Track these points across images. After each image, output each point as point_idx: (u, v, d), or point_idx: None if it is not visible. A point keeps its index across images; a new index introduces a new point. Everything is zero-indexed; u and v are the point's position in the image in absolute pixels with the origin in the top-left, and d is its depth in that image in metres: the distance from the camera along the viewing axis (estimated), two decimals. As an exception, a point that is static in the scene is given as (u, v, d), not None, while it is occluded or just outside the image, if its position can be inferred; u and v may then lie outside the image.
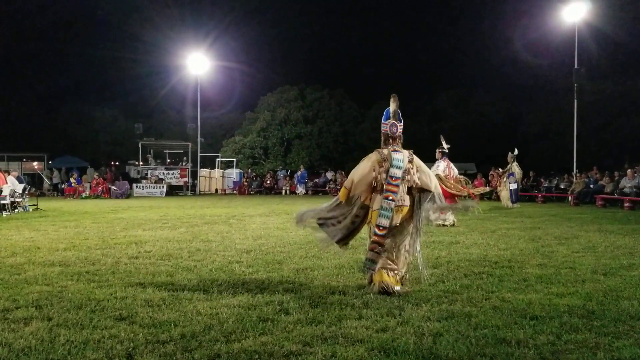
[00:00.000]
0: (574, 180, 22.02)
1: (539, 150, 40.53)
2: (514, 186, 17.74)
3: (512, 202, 17.56)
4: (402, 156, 5.01)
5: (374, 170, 4.97)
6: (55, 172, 31.20)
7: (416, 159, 5.12)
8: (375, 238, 4.94)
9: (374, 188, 4.98)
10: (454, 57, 63.83)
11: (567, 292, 5.03)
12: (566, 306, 4.51)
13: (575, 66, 25.75)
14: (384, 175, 4.91)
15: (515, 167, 17.90)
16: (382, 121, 5.24)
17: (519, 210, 16.47)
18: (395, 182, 4.89)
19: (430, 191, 5.10)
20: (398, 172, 4.90)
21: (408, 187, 5.03)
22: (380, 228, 4.90)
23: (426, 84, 57.82)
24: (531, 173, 25.32)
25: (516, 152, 17.90)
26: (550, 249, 7.79)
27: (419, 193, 5.12)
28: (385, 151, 5.05)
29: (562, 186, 23.08)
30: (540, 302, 4.62)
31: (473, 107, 47.01)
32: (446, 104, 48.34)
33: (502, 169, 19.66)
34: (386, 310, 4.35)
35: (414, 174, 5.01)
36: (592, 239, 8.97)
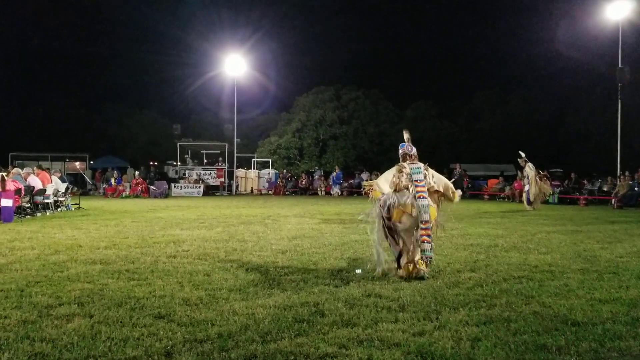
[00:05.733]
0: (618, 182, 21.37)
1: (581, 152, 39.60)
2: (527, 187, 17.46)
3: (527, 204, 17.30)
4: (418, 165, 6.10)
5: (394, 176, 6.02)
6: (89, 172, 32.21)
7: (430, 169, 6.18)
8: (422, 232, 5.73)
9: (395, 191, 5.93)
10: (493, 57, 62.88)
11: (610, 298, 4.90)
12: (609, 312, 4.39)
13: (619, 65, 25.01)
14: (403, 179, 5.93)
15: (527, 169, 17.52)
16: (400, 147, 6.39)
17: (560, 213, 16.09)
18: (421, 184, 5.89)
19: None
20: (420, 176, 5.95)
21: (429, 190, 6.00)
22: (424, 222, 5.72)
23: (464, 83, 57.05)
24: (573, 175, 24.71)
25: (523, 154, 17.50)
26: (593, 253, 7.58)
27: (437, 197, 6.18)
28: (404, 163, 6.14)
29: (605, 188, 22.44)
30: (582, 308, 4.51)
31: (512, 107, 46.18)
32: (484, 104, 47.62)
33: (542, 171, 19.38)
34: (423, 314, 4.31)
35: (430, 179, 6.06)
36: (636, 243, 8.70)
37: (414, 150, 6.31)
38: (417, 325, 4.04)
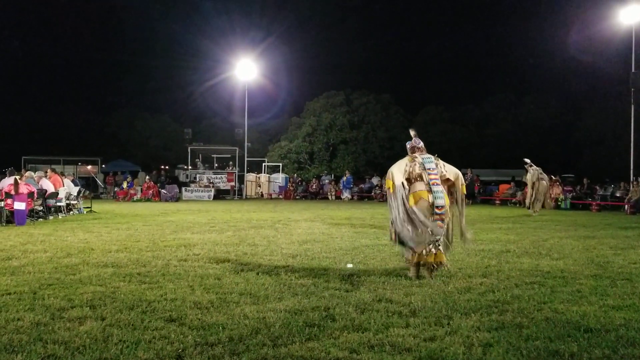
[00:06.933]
0: (631, 188, 21.17)
1: (593, 157, 39.31)
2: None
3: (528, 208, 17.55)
4: (429, 155, 6.33)
5: (407, 165, 6.19)
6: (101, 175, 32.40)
7: (440, 160, 6.34)
8: (436, 217, 5.92)
9: (409, 180, 6.11)
10: (504, 61, 62.59)
11: (623, 304, 4.85)
12: (622, 319, 4.35)
13: (633, 70, 24.81)
14: (416, 168, 6.12)
15: (528, 175, 17.61)
16: (407, 143, 6.57)
17: (573, 218, 15.97)
18: (434, 172, 6.10)
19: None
20: (432, 165, 6.16)
21: (440, 179, 6.16)
22: (439, 207, 5.92)
23: (475, 88, 56.98)
24: (585, 180, 24.52)
25: (528, 160, 17.58)
26: (606, 259, 7.51)
27: (449, 186, 6.31)
28: (415, 154, 6.34)
29: (617, 194, 22.24)
30: (595, 314, 4.47)
31: (524, 112, 45.97)
32: (496, 108, 47.44)
33: (554, 176, 19.44)
34: (434, 319, 4.29)
35: (441, 168, 6.23)
36: (650, 249, 8.60)
37: (422, 143, 6.49)
38: (428, 330, 4.02)
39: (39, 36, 64.16)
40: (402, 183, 6.02)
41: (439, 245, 5.94)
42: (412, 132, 6.65)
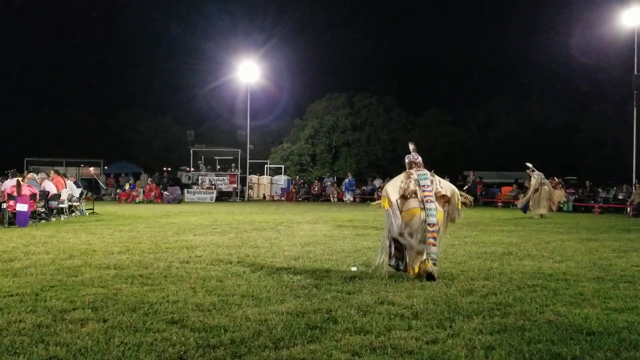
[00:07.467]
0: (633, 190, 21.13)
1: (596, 159, 39.23)
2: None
3: (523, 211, 17.85)
4: (425, 172, 6.44)
5: (402, 182, 6.34)
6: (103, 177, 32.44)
7: (436, 176, 6.48)
8: (429, 235, 6.00)
9: (404, 196, 6.28)
10: (507, 63, 62.63)
11: (626, 307, 4.84)
12: (625, 322, 4.34)
13: (635, 72, 24.76)
14: (411, 185, 6.26)
15: (532, 179, 17.69)
16: (406, 157, 6.73)
17: (575, 221, 15.94)
18: (428, 189, 6.22)
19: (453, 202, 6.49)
20: (427, 182, 6.28)
21: (435, 195, 6.27)
22: (431, 225, 6.01)
23: (478, 90, 56.97)
24: (587, 183, 24.48)
25: (530, 165, 17.72)
26: (608, 262, 7.49)
27: (444, 202, 6.43)
28: (411, 170, 6.47)
29: (620, 197, 22.20)
30: (598, 317, 4.46)
31: (527, 114, 45.92)
32: (499, 110, 47.39)
33: (557, 178, 19.49)
34: (436, 322, 4.28)
35: (437, 184, 6.35)
36: (653, 252, 8.57)
37: (420, 158, 6.65)
38: (430, 333, 4.01)
39: (42, 37, 64.36)
40: (397, 201, 6.21)
41: (431, 259, 5.98)
42: (411, 147, 6.79)
